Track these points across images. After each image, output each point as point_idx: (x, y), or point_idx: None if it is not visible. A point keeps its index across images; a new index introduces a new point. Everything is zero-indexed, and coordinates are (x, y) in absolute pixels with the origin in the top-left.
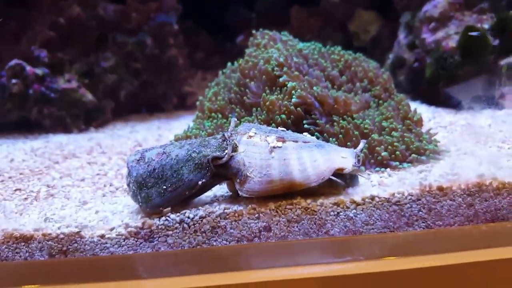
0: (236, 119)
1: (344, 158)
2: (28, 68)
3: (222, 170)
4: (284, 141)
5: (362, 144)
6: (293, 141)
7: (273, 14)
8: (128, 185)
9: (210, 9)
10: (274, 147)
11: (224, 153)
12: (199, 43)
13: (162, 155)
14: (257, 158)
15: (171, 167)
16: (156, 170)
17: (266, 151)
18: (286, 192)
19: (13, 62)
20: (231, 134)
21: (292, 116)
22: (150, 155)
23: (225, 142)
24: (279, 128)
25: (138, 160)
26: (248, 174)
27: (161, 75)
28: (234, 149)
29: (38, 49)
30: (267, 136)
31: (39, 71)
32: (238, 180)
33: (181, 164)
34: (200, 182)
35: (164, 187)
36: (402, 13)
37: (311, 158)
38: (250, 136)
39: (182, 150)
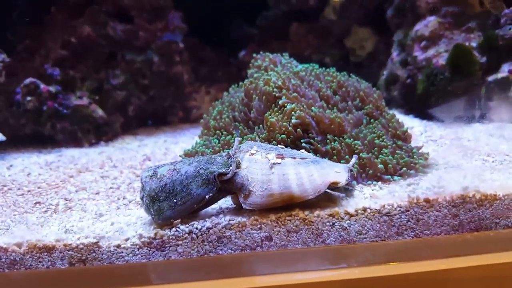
0: (240, 138)
1: (338, 172)
2: (42, 86)
3: (227, 185)
4: (283, 158)
5: (354, 159)
6: (291, 157)
7: (273, 30)
8: (142, 198)
9: (214, 26)
10: (274, 164)
11: (229, 170)
12: (203, 58)
13: (173, 171)
14: (259, 173)
15: (181, 183)
16: (167, 185)
17: (267, 167)
18: (286, 205)
19: (28, 80)
20: (235, 152)
21: (291, 136)
22: (162, 171)
23: (229, 160)
24: (278, 145)
25: (151, 176)
26: (250, 188)
27: (167, 90)
28: (238, 166)
29: (51, 67)
30: (268, 153)
31: (52, 89)
32: (242, 195)
33: (190, 180)
34: (207, 196)
35: (175, 200)
36: (395, 31)
37: (308, 173)
38: (252, 154)
39: (190, 167)
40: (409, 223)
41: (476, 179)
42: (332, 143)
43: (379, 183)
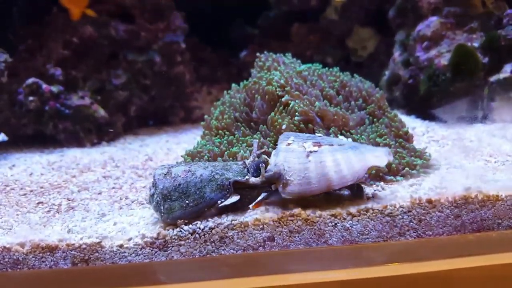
0: (258, 141)
1: (377, 157)
2: (44, 86)
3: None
4: (320, 146)
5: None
6: (329, 144)
7: (274, 30)
8: (152, 195)
9: (215, 26)
10: (310, 152)
11: (244, 178)
12: (204, 58)
13: (187, 172)
14: (296, 163)
15: (195, 185)
16: (181, 186)
17: (303, 156)
18: (324, 192)
19: (30, 80)
20: (258, 155)
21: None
22: (177, 171)
23: (245, 169)
24: (316, 134)
25: (165, 174)
26: (288, 177)
27: (169, 90)
28: (266, 165)
29: (53, 67)
30: (304, 142)
31: (54, 89)
32: (281, 185)
33: (205, 183)
34: (219, 202)
35: (187, 201)
36: (397, 31)
37: (346, 159)
38: (289, 144)
39: (206, 171)
40: (411, 223)
41: (478, 179)
42: (339, 135)
43: (382, 183)
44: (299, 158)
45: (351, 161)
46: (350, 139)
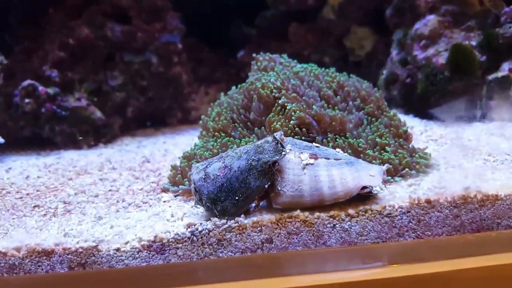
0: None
1: (372, 176)
2: (40, 88)
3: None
4: (316, 158)
5: (385, 166)
6: (325, 158)
7: (272, 30)
8: (200, 200)
9: (212, 26)
10: (306, 164)
11: (282, 155)
12: (202, 59)
13: (224, 169)
14: (290, 174)
15: (237, 179)
16: (225, 185)
17: (299, 168)
18: (316, 206)
19: (26, 82)
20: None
21: (296, 136)
22: (213, 171)
23: (278, 144)
24: (313, 144)
25: (204, 179)
26: (280, 188)
27: (166, 91)
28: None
29: (50, 69)
30: (301, 153)
31: (50, 91)
32: (272, 194)
33: (245, 174)
34: (266, 186)
35: (236, 197)
36: (394, 30)
37: (340, 175)
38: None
39: (241, 161)
40: (410, 224)
41: (477, 179)
42: (337, 140)
43: (380, 183)
44: (294, 169)
45: (346, 178)
46: (346, 154)
